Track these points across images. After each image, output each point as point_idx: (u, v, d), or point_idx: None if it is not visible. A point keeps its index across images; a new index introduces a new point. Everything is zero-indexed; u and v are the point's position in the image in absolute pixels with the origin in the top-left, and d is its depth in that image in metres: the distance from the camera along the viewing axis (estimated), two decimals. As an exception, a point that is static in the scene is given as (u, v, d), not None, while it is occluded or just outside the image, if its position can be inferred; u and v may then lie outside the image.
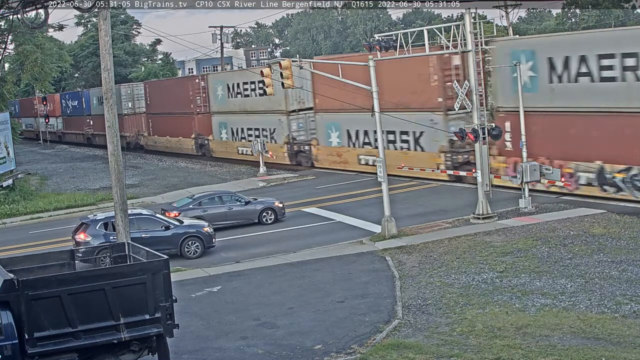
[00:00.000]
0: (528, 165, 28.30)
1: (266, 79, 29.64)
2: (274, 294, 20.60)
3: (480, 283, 19.89)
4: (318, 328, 17.45)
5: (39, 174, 54.66)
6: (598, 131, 28.51)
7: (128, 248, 16.78)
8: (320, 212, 32.40)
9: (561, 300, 18.00)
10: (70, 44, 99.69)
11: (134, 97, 67.85)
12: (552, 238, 23.87)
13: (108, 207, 31.59)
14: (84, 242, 24.72)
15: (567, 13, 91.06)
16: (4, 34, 44.31)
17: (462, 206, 29.88)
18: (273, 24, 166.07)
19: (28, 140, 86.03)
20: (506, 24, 60.90)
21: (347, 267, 22.79)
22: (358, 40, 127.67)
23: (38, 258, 16.76)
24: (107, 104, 21.75)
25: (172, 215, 28.72)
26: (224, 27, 69.04)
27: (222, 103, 53.86)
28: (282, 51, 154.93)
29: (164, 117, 62.71)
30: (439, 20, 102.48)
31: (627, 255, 21.33)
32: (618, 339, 15.30)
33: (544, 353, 14.80)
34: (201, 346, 16.82)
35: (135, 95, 67.78)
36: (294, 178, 43.22)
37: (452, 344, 15.71)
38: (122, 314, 14.05)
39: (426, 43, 27.89)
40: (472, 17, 26.86)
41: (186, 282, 22.08)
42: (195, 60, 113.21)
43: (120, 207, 21.60)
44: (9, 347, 13.23)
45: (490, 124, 27.65)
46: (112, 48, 22.13)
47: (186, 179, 46.62)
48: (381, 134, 26.83)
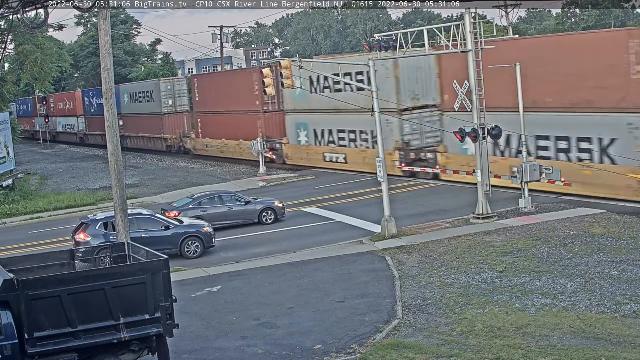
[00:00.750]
0: (528, 165, 28.29)
1: (266, 79, 29.62)
2: (274, 294, 20.60)
3: (480, 283, 19.89)
4: (318, 328, 17.45)
5: (39, 174, 54.67)
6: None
7: (128, 248, 16.78)
8: (320, 212, 32.40)
9: (561, 300, 18.00)
10: (70, 44, 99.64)
11: (175, 93, 61.13)
12: (552, 238, 23.86)
13: (108, 207, 31.59)
14: (84, 242, 24.72)
15: (567, 13, 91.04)
16: (4, 34, 44.33)
17: (462, 206, 29.88)
18: (273, 24, 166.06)
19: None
20: (506, 24, 60.96)
21: (347, 267, 22.79)
22: (358, 40, 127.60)
23: (38, 258, 16.76)
24: (107, 104, 21.74)
25: (172, 215, 28.72)
26: (224, 27, 69.13)
27: (302, 99, 43.61)
28: (282, 51, 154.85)
29: (217, 117, 54.53)
30: (439, 20, 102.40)
31: (627, 255, 21.33)
32: (618, 339, 15.30)
33: (544, 353, 14.80)
34: (201, 346, 16.82)
35: (177, 91, 61.23)
36: (294, 178, 43.22)
37: (452, 344, 15.71)
38: (122, 314, 14.05)
39: (426, 43, 27.89)
40: (472, 17, 26.84)
41: (186, 282, 22.08)
42: (195, 60, 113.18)
43: (120, 207, 21.61)
44: (9, 347, 13.23)
45: (490, 124, 27.59)
46: (112, 48, 22.13)
47: (186, 179, 46.61)
48: (381, 134, 26.81)
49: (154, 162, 58.58)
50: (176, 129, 61.14)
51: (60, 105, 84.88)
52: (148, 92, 63.83)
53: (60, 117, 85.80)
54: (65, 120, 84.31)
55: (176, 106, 61.04)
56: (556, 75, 29.72)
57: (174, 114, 61.02)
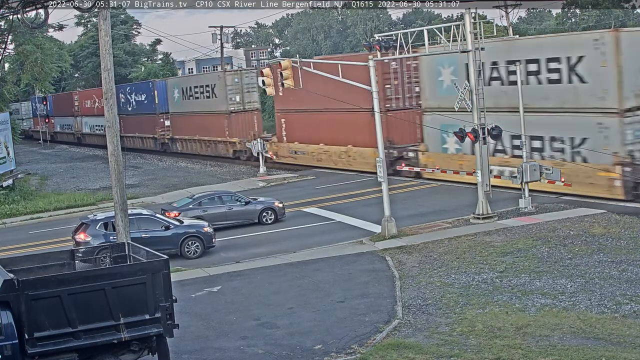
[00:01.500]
0: (528, 165, 28.28)
1: (266, 78, 29.64)
2: (274, 294, 20.60)
3: (480, 283, 19.89)
4: (318, 328, 17.45)
5: (39, 174, 54.67)
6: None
7: (128, 248, 16.78)
8: (320, 212, 32.40)
9: (561, 300, 18.00)
10: (70, 44, 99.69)
11: (244, 88, 51.41)
12: (552, 238, 23.86)
13: (108, 207, 31.59)
14: (84, 242, 24.71)
15: (567, 13, 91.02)
16: (4, 34, 44.31)
17: (462, 206, 29.88)
18: (273, 24, 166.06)
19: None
20: (506, 24, 60.95)
21: (347, 267, 22.79)
22: (358, 40, 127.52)
23: (38, 258, 16.76)
24: (107, 104, 21.74)
25: (172, 215, 28.71)
26: (224, 27, 69.07)
27: (451, 94, 30.78)
28: (282, 51, 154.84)
29: (311, 116, 44.02)
30: (439, 20, 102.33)
31: (627, 255, 21.33)
32: (618, 339, 15.30)
33: (544, 353, 14.80)
34: (201, 346, 16.82)
35: (246, 85, 51.49)
36: (294, 178, 43.21)
37: (452, 344, 15.71)
38: (122, 314, 14.05)
39: (426, 43, 27.89)
40: (472, 17, 26.84)
41: (186, 282, 22.08)
42: (195, 60, 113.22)
43: (120, 207, 21.60)
44: (9, 347, 13.23)
45: (490, 124, 27.57)
46: (112, 48, 22.13)
47: (186, 179, 46.60)
48: (381, 133, 26.82)
49: (154, 162, 58.55)
50: (246, 129, 50.79)
51: (86, 103, 73.14)
52: (208, 87, 53.81)
53: (86, 117, 74.41)
54: (94, 121, 72.03)
55: (244, 103, 51.36)
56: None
57: (242, 113, 51.29)
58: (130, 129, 64.45)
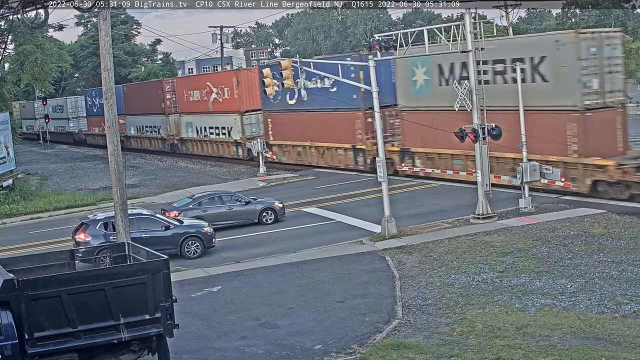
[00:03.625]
0: (528, 165, 28.28)
1: (266, 79, 29.66)
2: (274, 294, 20.60)
3: (480, 283, 19.89)
4: (318, 328, 17.45)
5: (39, 174, 54.69)
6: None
7: (128, 248, 16.77)
8: (320, 212, 32.40)
9: (561, 300, 18.00)
10: (70, 44, 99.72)
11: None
12: (552, 238, 23.86)
13: (108, 207, 31.59)
14: (84, 242, 24.70)
15: (567, 13, 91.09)
16: (4, 34, 44.34)
17: (462, 206, 29.88)
18: (273, 24, 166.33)
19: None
20: (506, 24, 60.96)
21: (347, 267, 22.79)
22: (358, 40, 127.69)
23: (38, 258, 16.75)
24: (107, 104, 21.74)
25: (172, 215, 28.72)
26: (224, 27, 69.11)
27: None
28: (282, 51, 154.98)
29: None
30: (439, 20, 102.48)
31: (627, 255, 21.33)
32: (618, 339, 15.30)
33: (544, 353, 14.79)
34: (201, 346, 16.82)
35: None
36: (294, 178, 43.21)
37: (452, 344, 15.70)
38: (122, 314, 14.04)
39: (426, 43, 27.88)
40: (472, 17, 26.84)
41: (186, 282, 22.07)
42: (195, 60, 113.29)
43: (120, 207, 21.59)
44: (9, 347, 13.22)
45: (490, 124, 27.56)
46: (112, 48, 22.11)
47: (186, 179, 46.60)
48: (381, 133, 26.81)
49: (154, 162, 58.57)
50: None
51: (189, 96, 57.35)
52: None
53: (187, 115, 57.99)
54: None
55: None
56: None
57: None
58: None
